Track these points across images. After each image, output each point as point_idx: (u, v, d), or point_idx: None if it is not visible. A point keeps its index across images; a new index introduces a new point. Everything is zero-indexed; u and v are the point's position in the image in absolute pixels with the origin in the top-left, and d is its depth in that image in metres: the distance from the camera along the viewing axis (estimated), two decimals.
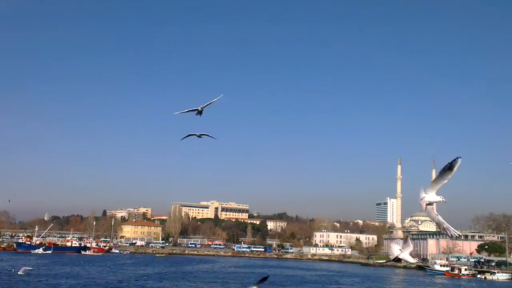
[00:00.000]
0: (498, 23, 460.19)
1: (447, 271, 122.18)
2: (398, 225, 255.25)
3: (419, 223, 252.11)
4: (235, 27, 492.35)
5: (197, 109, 11.27)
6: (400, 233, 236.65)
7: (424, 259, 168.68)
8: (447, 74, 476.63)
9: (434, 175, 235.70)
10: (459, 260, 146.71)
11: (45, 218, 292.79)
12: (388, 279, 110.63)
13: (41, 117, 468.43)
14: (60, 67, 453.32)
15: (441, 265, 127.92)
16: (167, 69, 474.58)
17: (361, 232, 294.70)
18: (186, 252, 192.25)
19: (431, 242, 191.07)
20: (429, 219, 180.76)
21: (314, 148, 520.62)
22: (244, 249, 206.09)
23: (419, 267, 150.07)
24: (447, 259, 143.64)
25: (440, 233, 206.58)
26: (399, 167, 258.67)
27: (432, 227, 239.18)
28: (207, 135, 16.38)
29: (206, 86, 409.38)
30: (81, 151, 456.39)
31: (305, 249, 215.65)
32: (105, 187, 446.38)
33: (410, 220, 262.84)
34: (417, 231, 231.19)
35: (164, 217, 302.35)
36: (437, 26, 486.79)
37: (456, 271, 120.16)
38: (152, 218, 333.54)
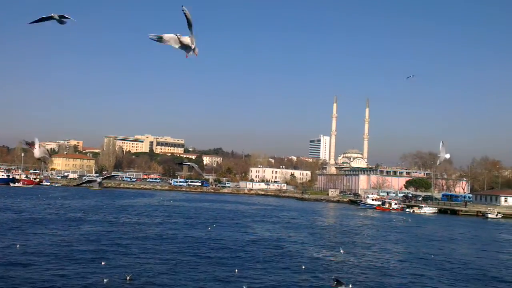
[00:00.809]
0: None
1: (378, 205, 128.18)
2: (332, 161, 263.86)
3: (351, 159, 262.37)
4: None
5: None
6: (333, 169, 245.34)
7: (356, 194, 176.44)
8: (385, 11, 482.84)
9: (368, 114, 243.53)
10: (388, 195, 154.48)
11: None
12: (324, 212, 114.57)
13: None
14: None
15: (373, 200, 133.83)
16: None
17: (295, 168, 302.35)
18: (122, 185, 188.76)
19: (362, 178, 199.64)
20: (360, 156, 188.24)
21: (249, 84, 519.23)
22: (181, 183, 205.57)
23: (352, 201, 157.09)
24: (377, 194, 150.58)
25: (371, 169, 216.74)
26: (334, 105, 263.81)
27: (363, 164, 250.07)
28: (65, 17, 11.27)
29: None
30: (4, 73, 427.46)
31: (242, 184, 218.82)
32: (32, 117, 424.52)
33: (343, 157, 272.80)
34: (349, 167, 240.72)
35: (97, 150, 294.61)
36: None
37: (387, 205, 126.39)
38: (84, 151, 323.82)
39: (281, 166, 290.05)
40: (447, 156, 19.89)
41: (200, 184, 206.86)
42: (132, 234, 52.02)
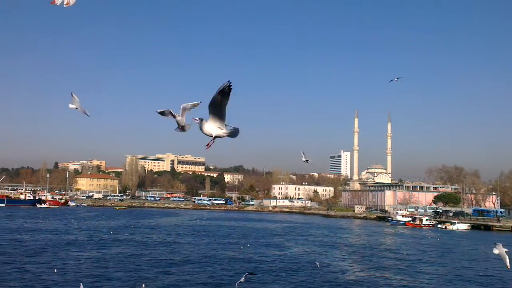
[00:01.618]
0: None
1: (408, 221, 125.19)
2: (355, 177, 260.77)
3: (375, 175, 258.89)
4: None
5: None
6: (357, 185, 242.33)
7: (383, 210, 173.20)
8: (404, 27, 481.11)
9: (390, 128, 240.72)
10: (417, 211, 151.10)
11: None
12: (354, 229, 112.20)
13: None
14: None
15: (402, 216, 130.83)
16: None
17: (317, 184, 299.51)
18: (146, 205, 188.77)
19: (388, 194, 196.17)
20: (384, 171, 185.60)
21: (269, 101, 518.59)
22: (205, 202, 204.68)
23: (379, 218, 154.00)
24: (406, 210, 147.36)
25: (396, 184, 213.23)
26: (356, 120, 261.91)
27: (387, 179, 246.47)
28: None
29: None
30: (28, 100, 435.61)
31: (266, 201, 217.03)
32: (55, 138, 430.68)
33: (367, 172, 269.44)
34: (374, 183, 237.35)
35: (119, 170, 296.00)
36: None
37: (418, 222, 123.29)
38: (107, 171, 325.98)
39: (303, 183, 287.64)
40: None
41: (224, 202, 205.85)
42: (167, 255, 51.13)
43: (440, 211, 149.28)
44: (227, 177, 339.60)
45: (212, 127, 6.96)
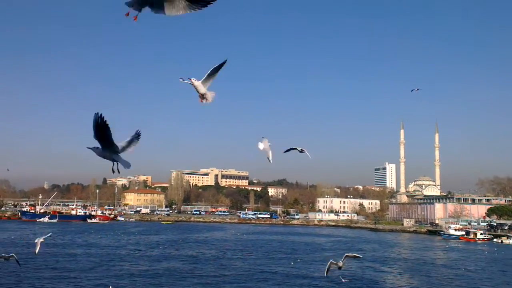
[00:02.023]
0: None
1: (462, 235, 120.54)
2: (402, 190, 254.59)
3: (423, 187, 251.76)
4: None
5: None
6: (404, 198, 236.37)
7: (433, 224, 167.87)
8: (449, 37, 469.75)
9: (437, 139, 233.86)
10: (470, 224, 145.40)
11: (45, 187, 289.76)
12: (406, 244, 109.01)
13: (35, 84, 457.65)
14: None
15: (455, 230, 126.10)
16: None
17: (362, 197, 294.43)
18: (192, 219, 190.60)
19: (438, 206, 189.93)
20: (433, 183, 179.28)
21: (309, 114, 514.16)
22: (250, 216, 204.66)
23: (430, 232, 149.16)
24: (458, 223, 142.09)
25: (446, 197, 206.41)
26: (402, 131, 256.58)
27: (436, 191, 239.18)
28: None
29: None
30: (73, 118, 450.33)
31: (311, 215, 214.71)
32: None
33: (414, 185, 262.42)
34: (422, 195, 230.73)
35: (165, 185, 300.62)
36: None
37: (472, 235, 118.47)
38: (153, 186, 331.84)
39: (348, 196, 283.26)
40: None
41: (269, 216, 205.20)
42: (218, 270, 50.91)
43: (495, 224, 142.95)
44: (271, 191, 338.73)
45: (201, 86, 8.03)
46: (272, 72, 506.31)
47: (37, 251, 27.35)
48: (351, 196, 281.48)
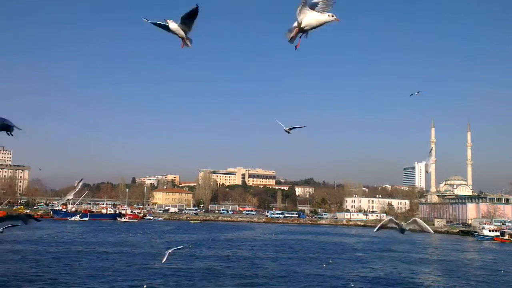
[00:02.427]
0: None
1: (496, 236, 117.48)
2: (433, 189, 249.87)
3: (455, 187, 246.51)
4: None
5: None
6: (435, 198, 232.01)
7: (465, 224, 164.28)
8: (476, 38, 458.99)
9: (469, 137, 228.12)
10: (504, 224, 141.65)
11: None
12: (438, 244, 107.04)
13: (66, 84, 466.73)
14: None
15: (490, 230, 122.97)
16: None
17: (391, 197, 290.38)
18: (220, 218, 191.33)
19: (471, 207, 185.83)
20: (464, 182, 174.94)
21: (336, 113, 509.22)
22: (277, 215, 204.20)
23: (463, 232, 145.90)
24: (492, 224, 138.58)
25: (479, 197, 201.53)
26: (432, 130, 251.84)
27: (468, 191, 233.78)
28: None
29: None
30: (104, 118, 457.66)
31: (339, 215, 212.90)
32: (131, 154, 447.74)
33: (445, 184, 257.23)
34: (453, 195, 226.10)
35: (193, 184, 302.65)
36: None
37: (507, 236, 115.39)
38: (181, 185, 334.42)
39: (376, 196, 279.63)
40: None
41: (296, 215, 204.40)
42: (250, 269, 50.55)
43: None
44: (298, 190, 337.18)
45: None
46: (298, 70, 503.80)
47: (164, 260, 29.60)
48: (379, 196, 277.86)
